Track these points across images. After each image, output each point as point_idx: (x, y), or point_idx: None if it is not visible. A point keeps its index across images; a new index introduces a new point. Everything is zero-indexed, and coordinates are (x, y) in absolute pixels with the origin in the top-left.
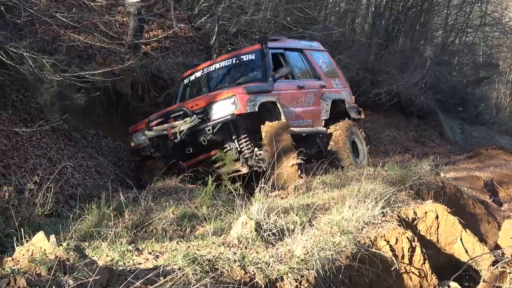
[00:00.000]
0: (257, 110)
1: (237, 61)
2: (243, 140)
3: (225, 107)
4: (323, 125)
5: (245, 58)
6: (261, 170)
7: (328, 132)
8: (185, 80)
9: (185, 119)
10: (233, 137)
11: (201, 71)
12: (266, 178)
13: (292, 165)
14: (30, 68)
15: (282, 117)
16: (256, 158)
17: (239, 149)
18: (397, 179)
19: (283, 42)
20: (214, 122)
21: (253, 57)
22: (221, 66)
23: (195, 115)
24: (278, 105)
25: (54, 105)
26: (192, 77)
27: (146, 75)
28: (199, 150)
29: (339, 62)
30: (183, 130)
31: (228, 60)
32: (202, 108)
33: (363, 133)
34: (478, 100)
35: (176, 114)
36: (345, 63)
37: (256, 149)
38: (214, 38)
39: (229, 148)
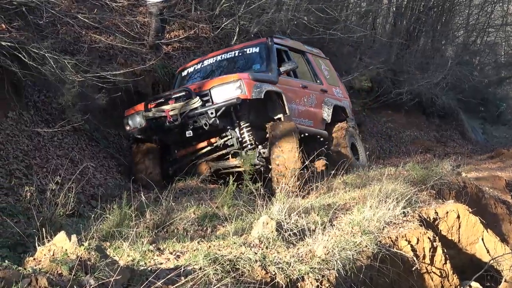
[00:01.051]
0: (262, 97)
1: (240, 54)
2: (244, 130)
3: (229, 90)
4: (324, 128)
5: (248, 51)
6: (263, 169)
7: (329, 134)
8: (182, 73)
9: (186, 101)
10: (235, 125)
11: (200, 63)
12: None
13: (291, 149)
14: (52, 68)
15: (287, 111)
16: (259, 156)
17: (240, 139)
18: (418, 179)
19: (287, 41)
20: (218, 105)
21: (257, 50)
22: (222, 58)
23: (198, 97)
24: (284, 98)
25: (75, 105)
26: (191, 69)
27: (167, 76)
28: (199, 135)
29: (361, 62)
30: (184, 112)
31: (230, 53)
32: (206, 90)
33: (360, 135)
34: (500, 100)
35: (177, 95)
36: (366, 63)
37: (260, 146)
38: (235, 38)
39: (230, 136)
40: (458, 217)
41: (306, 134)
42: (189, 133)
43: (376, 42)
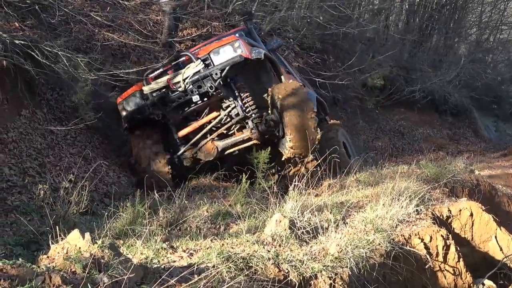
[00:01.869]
0: (262, 57)
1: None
2: (246, 100)
3: (229, 52)
4: None
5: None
6: (274, 136)
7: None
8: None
9: (187, 66)
10: (235, 95)
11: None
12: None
13: (311, 117)
14: (65, 67)
15: (283, 80)
16: (267, 122)
17: (243, 107)
18: (431, 177)
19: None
20: (222, 64)
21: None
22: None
23: (199, 60)
24: (278, 67)
25: (88, 103)
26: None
27: None
28: (201, 111)
29: (373, 60)
30: (187, 77)
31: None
32: (205, 55)
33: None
34: None
35: (176, 62)
36: (379, 61)
37: (265, 113)
38: None
39: (233, 105)
40: (471, 215)
41: None
42: (196, 98)
43: (389, 40)
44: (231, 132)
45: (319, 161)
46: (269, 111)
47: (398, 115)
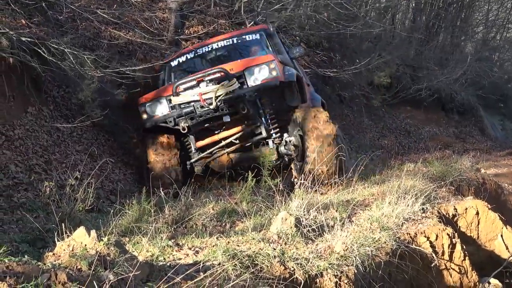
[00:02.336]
0: (295, 80)
1: (239, 41)
2: (270, 120)
3: (264, 72)
4: None
5: (248, 37)
6: (289, 159)
7: None
8: (172, 63)
9: (222, 83)
10: (260, 113)
11: (193, 52)
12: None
13: (330, 141)
14: (71, 64)
15: (306, 99)
16: (287, 145)
17: (267, 126)
18: (437, 175)
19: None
20: (257, 86)
21: (258, 37)
22: (218, 46)
23: (235, 79)
24: (305, 86)
25: (95, 100)
26: (182, 59)
27: None
28: (221, 124)
29: (380, 58)
30: (220, 95)
31: (228, 40)
32: (240, 72)
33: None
34: None
35: (210, 78)
36: (386, 59)
37: (285, 134)
38: None
39: (258, 124)
40: (477, 213)
41: None
42: (226, 118)
43: (395, 38)
44: (247, 144)
45: (323, 160)
46: (292, 132)
47: (404, 113)
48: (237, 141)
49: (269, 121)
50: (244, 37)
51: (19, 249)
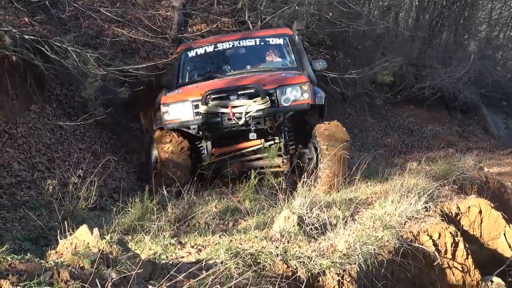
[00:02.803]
0: (323, 103)
1: (262, 43)
2: (290, 137)
3: (295, 93)
4: None
5: (271, 41)
6: (301, 171)
7: None
8: (189, 53)
9: (254, 99)
10: (281, 129)
11: (213, 45)
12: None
13: (342, 159)
14: (74, 62)
15: (325, 115)
16: (301, 156)
17: (286, 142)
18: (440, 174)
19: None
20: (288, 108)
21: (281, 42)
22: (241, 45)
23: (267, 97)
24: (325, 104)
25: (97, 99)
26: (201, 51)
27: None
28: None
29: (383, 56)
30: (249, 112)
31: (250, 40)
32: (272, 89)
33: None
34: None
35: (244, 92)
36: (389, 58)
37: (300, 146)
38: None
39: (278, 141)
40: (480, 212)
41: None
42: (252, 136)
43: (399, 37)
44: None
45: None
46: (308, 145)
47: (407, 112)
48: (254, 153)
49: (287, 137)
50: (267, 40)
51: (22, 247)
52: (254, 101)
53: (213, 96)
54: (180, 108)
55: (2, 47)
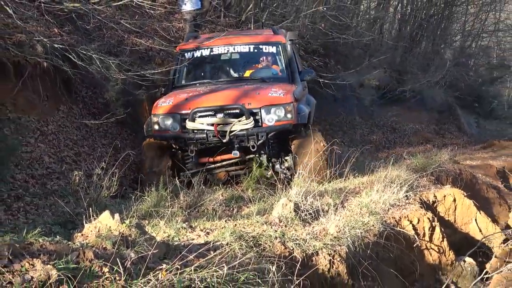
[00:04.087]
0: (306, 122)
1: (255, 50)
2: (272, 151)
3: (279, 113)
4: None
5: (265, 49)
6: (286, 177)
7: None
8: (186, 54)
9: (239, 119)
10: (265, 143)
11: (209, 49)
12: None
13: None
14: (98, 68)
15: (310, 123)
16: (283, 166)
17: (268, 155)
18: (419, 166)
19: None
20: (270, 128)
21: (274, 50)
22: (235, 50)
23: (251, 118)
24: (311, 112)
25: (118, 100)
26: (197, 54)
27: None
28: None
29: (369, 63)
30: (233, 131)
31: (244, 46)
32: (257, 108)
33: None
34: (492, 97)
35: (230, 112)
36: (375, 64)
37: (282, 153)
38: None
39: (262, 153)
40: (454, 200)
41: None
42: (235, 153)
43: (383, 46)
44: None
45: (318, 155)
46: (288, 156)
47: (390, 112)
48: (237, 164)
49: (271, 150)
50: (261, 47)
51: (52, 230)
52: (239, 121)
53: (199, 114)
54: (170, 121)
55: (34, 55)
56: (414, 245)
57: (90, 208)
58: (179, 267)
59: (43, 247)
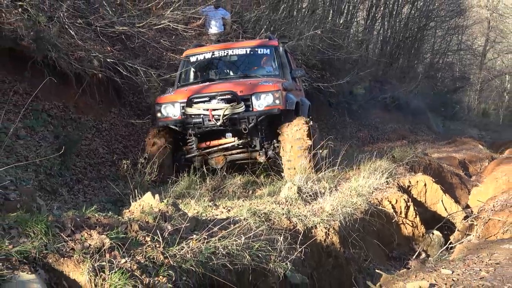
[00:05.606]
0: (293, 108)
1: (251, 52)
2: (265, 136)
3: (269, 99)
4: None
5: (260, 51)
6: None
7: None
8: (191, 58)
9: (231, 104)
10: (258, 128)
11: (211, 53)
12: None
13: (300, 152)
14: (142, 78)
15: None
16: (273, 149)
17: (261, 140)
18: (397, 158)
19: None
20: (260, 112)
21: (268, 52)
22: (234, 53)
23: (242, 102)
24: (300, 107)
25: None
26: (201, 57)
27: None
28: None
29: (357, 75)
30: (227, 114)
31: (242, 49)
32: (248, 95)
33: None
34: (455, 103)
35: (223, 97)
36: (362, 76)
37: (274, 140)
38: None
39: (254, 138)
40: (425, 185)
41: None
42: (228, 135)
43: (369, 61)
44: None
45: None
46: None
47: (374, 114)
48: (233, 148)
49: (263, 135)
50: (257, 50)
51: (105, 207)
52: (231, 105)
53: (196, 100)
54: (171, 109)
55: (92, 68)
56: (393, 221)
57: (136, 190)
58: (206, 237)
59: (98, 220)
